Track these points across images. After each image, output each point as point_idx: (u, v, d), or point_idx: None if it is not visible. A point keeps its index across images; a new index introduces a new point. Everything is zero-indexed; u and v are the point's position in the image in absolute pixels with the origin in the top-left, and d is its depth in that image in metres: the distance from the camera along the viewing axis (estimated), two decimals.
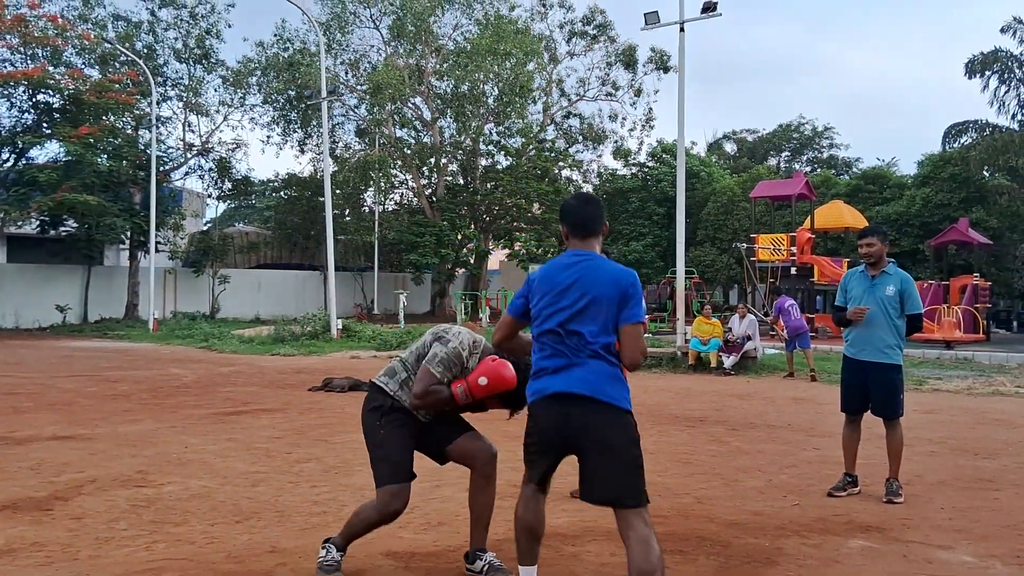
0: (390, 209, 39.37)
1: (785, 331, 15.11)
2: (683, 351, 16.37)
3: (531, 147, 37.01)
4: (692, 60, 51.54)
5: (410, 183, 37.64)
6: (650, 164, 38.97)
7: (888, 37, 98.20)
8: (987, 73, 27.35)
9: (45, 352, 19.79)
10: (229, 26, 33.01)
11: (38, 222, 29.19)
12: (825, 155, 51.38)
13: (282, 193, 38.63)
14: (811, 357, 14.94)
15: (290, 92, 32.98)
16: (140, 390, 12.32)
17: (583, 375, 3.37)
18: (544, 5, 36.51)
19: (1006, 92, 27.37)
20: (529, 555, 3.71)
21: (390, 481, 4.08)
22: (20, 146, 28.86)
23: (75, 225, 29.49)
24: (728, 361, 15.47)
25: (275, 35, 34.21)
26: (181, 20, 32.11)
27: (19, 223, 28.76)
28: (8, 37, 27.85)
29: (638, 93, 37.09)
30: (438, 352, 4.02)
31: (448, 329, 4.16)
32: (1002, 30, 27.06)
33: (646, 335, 6.46)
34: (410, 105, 36.02)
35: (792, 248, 24.10)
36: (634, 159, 39.46)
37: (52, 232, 30.09)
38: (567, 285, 3.44)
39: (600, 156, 40.04)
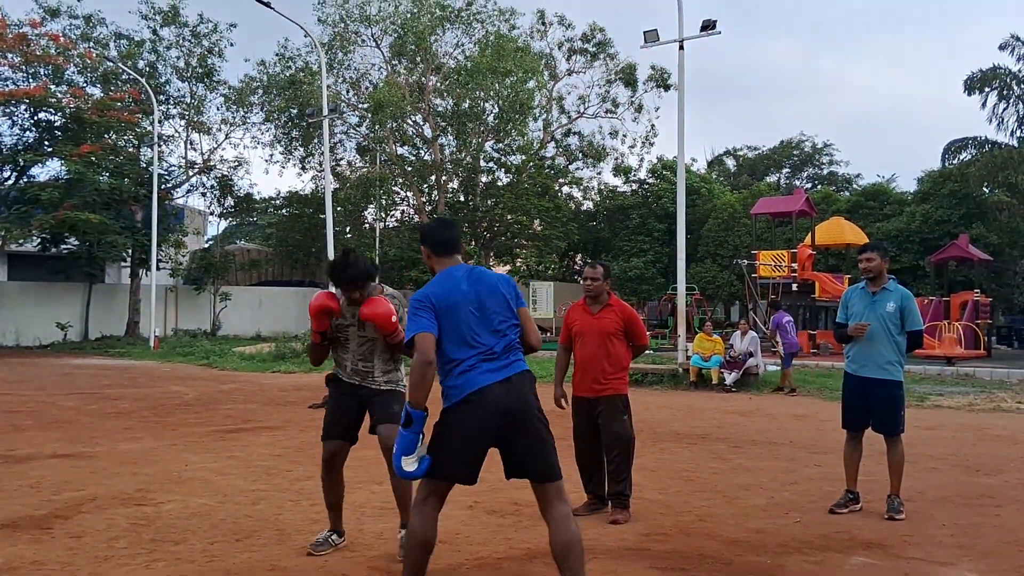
0: (391, 226, 39.39)
1: (782, 347, 15.17)
2: (684, 368, 16.36)
3: (531, 164, 37.07)
4: (692, 77, 51.62)
5: (411, 200, 37.69)
6: (651, 181, 39.00)
7: (888, 54, 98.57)
8: (986, 90, 27.42)
9: (46, 370, 19.79)
10: (231, 45, 33.18)
11: (39, 240, 29.21)
12: (825, 172, 51.48)
13: (283, 211, 38.68)
14: (790, 375, 15.23)
15: (292, 110, 33.08)
16: (140, 408, 12.32)
17: (520, 365, 3.85)
18: (543, 23, 36.65)
19: (1005, 109, 27.45)
20: (424, 571, 3.86)
21: (322, 436, 5.11)
22: (22, 164, 28.95)
23: (76, 243, 29.51)
24: (730, 378, 15.45)
25: (277, 54, 34.33)
26: (183, 39, 32.27)
27: (20, 241, 28.79)
28: (10, 56, 27.98)
29: (638, 110, 37.16)
30: None
31: None
32: (1000, 47, 27.18)
33: (647, 351, 6.52)
34: (411, 123, 36.11)
35: (793, 264, 24.12)
36: (634, 176, 39.51)
37: (53, 250, 30.09)
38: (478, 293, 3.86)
39: (600, 173, 40.01)
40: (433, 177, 36.57)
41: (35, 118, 29.36)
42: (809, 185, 48.02)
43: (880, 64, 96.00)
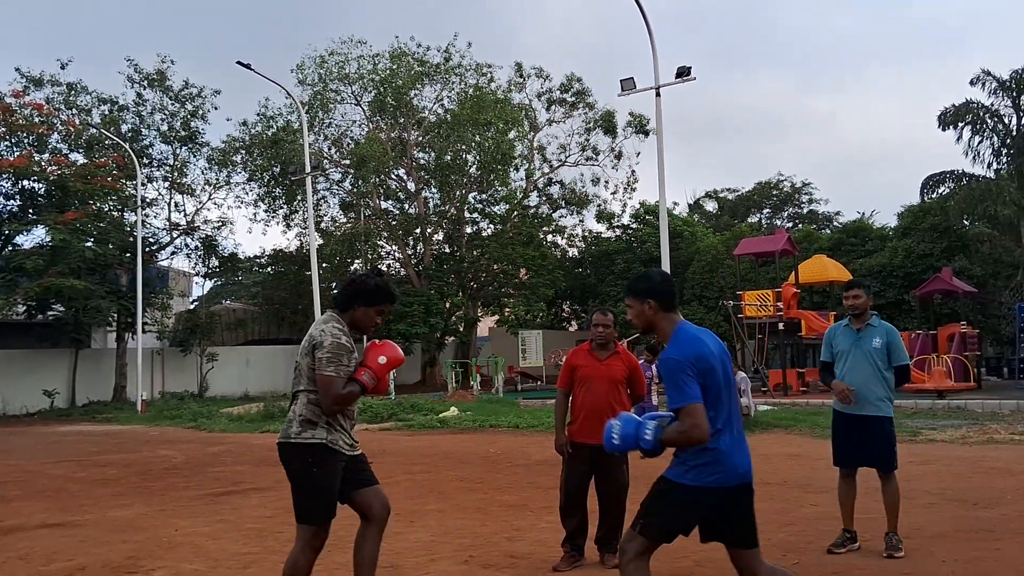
0: None
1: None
2: None
3: (515, 213, 37.30)
4: (671, 119, 52.40)
5: (396, 254, 37.82)
6: (634, 226, 39.30)
7: (861, 91, 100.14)
8: (960, 124, 27.75)
9: (33, 438, 19.56)
10: (215, 108, 33.39)
11: (25, 308, 29.03)
12: (805, 210, 51.92)
13: (268, 269, 38.68)
14: None
15: (274, 169, 33.28)
16: (129, 473, 12.17)
17: None
18: (521, 76, 37.15)
19: (980, 142, 27.74)
20: None
21: (326, 519, 4.27)
22: (6, 233, 28.89)
23: (62, 309, 29.35)
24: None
25: (259, 114, 34.66)
26: (168, 102, 32.47)
27: (6, 310, 28.60)
28: None
29: (619, 157, 37.57)
30: (322, 356, 4.17)
31: (312, 336, 4.28)
32: (971, 82, 27.57)
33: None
34: (394, 177, 36.37)
35: (778, 303, 24.21)
36: (618, 222, 39.80)
37: (39, 317, 29.93)
38: None
39: (583, 220, 40.27)
40: (418, 230, 36.76)
41: (19, 186, 29.34)
42: (790, 224, 48.39)
43: (856, 102, 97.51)
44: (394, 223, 36.43)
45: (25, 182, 29.15)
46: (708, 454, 3.62)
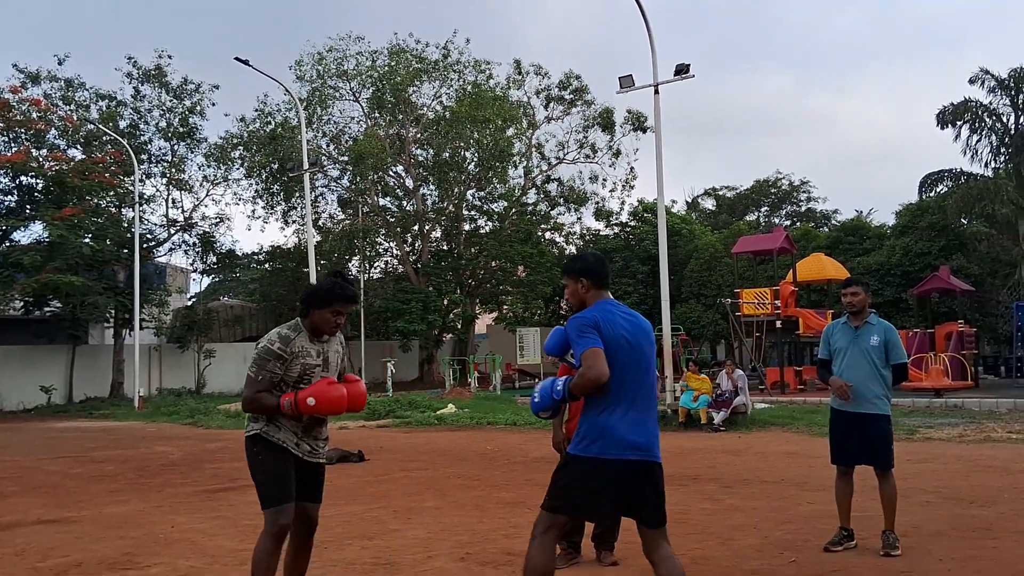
0: (375, 277, 39.39)
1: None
2: (673, 409, 16.31)
3: (514, 211, 37.27)
4: (670, 117, 52.16)
5: (394, 250, 37.79)
6: (632, 223, 39.25)
7: (864, 91, 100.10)
8: (958, 123, 27.72)
9: (30, 434, 19.54)
10: (213, 104, 33.31)
11: (22, 304, 28.96)
12: (803, 208, 51.95)
13: (266, 265, 38.62)
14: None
15: (273, 165, 33.20)
16: (126, 470, 12.16)
17: None
18: (520, 73, 37.06)
19: (978, 141, 27.72)
20: None
21: (276, 501, 4.33)
22: (3, 229, 28.83)
23: (59, 305, 29.30)
24: (718, 417, 15.41)
25: (257, 110, 34.52)
26: (166, 97, 32.39)
27: (3, 306, 28.54)
28: None
29: (617, 154, 37.49)
30: (252, 356, 4.38)
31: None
32: (971, 81, 27.55)
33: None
34: (392, 174, 36.32)
35: (776, 302, 24.21)
36: (616, 219, 39.74)
37: (36, 313, 29.86)
38: None
39: (581, 218, 40.16)
40: (416, 227, 36.73)
41: (16, 182, 29.28)
42: (788, 222, 48.40)
43: (856, 101, 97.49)
44: (392, 220, 36.39)
45: (23, 178, 29.10)
46: (594, 428, 3.89)
